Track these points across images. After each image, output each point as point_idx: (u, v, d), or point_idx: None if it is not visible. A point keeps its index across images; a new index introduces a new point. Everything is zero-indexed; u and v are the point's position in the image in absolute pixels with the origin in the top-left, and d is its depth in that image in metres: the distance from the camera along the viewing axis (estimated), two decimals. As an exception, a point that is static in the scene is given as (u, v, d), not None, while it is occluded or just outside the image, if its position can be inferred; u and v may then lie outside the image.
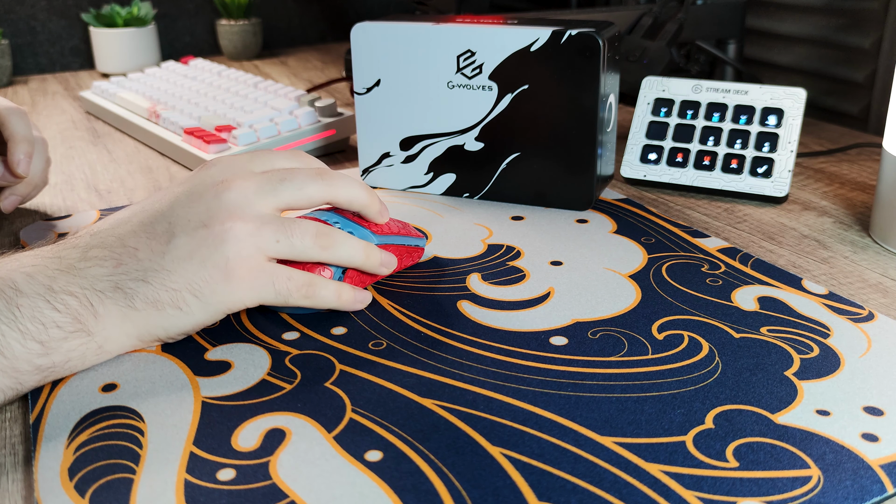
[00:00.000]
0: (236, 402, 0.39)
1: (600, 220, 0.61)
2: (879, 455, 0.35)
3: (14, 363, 0.37)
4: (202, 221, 0.41)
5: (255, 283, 0.42)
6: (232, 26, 1.25)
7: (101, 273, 0.40)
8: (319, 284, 0.44)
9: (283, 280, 0.43)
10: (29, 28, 1.22)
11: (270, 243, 0.43)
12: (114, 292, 0.40)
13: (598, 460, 0.35)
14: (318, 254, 0.44)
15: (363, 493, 0.33)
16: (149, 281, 0.40)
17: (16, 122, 0.58)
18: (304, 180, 0.45)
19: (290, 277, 0.43)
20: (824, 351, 0.43)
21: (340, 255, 0.45)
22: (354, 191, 0.47)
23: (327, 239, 0.45)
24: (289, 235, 0.43)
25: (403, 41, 0.62)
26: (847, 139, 0.81)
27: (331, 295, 0.45)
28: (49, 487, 0.34)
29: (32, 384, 0.39)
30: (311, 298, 0.44)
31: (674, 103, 0.68)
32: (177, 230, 0.41)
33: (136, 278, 0.40)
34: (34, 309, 0.37)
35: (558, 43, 0.58)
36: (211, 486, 0.33)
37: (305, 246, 0.44)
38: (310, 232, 0.44)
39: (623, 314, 0.47)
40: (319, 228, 0.45)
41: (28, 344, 0.37)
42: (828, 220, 0.61)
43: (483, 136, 0.63)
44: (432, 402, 0.39)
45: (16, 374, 0.37)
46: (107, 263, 0.40)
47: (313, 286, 0.44)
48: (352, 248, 0.46)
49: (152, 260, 0.40)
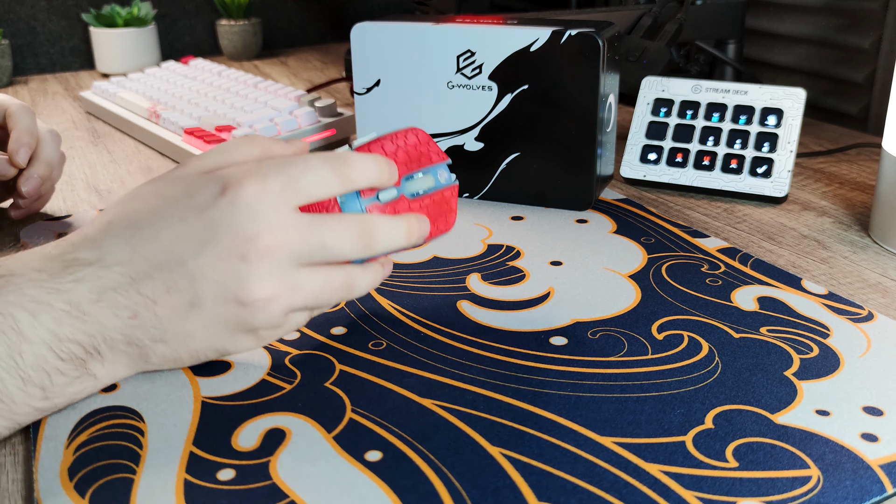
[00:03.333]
0: (236, 402, 0.39)
1: (600, 220, 0.61)
2: (879, 455, 0.35)
3: (13, 407, 0.35)
4: (232, 293, 0.37)
5: (283, 332, 0.41)
6: (232, 26, 1.25)
7: (114, 324, 0.36)
8: (356, 288, 0.41)
9: (308, 317, 0.41)
10: (29, 28, 1.22)
11: (300, 306, 0.39)
12: (127, 346, 0.37)
13: (598, 460, 0.35)
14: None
15: (363, 493, 0.33)
16: (168, 342, 0.38)
17: (21, 116, 0.59)
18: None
19: (320, 308, 0.41)
20: (824, 351, 0.43)
21: (382, 250, 0.41)
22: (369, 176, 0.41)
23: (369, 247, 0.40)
24: (319, 297, 0.40)
25: (403, 41, 0.62)
26: (847, 139, 0.81)
27: (368, 281, 0.42)
28: (49, 487, 0.34)
29: (28, 421, 0.37)
30: (347, 299, 0.42)
31: (673, 103, 0.68)
32: (202, 294, 0.37)
33: (154, 338, 0.37)
34: (37, 357, 0.35)
35: (558, 43, 0.58)
36: (211, 486, 0.33)
37: (333, 299, 0.40)
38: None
39: (623, 314, 0.47)
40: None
41: (29, 390, 0.35)
42: (827, 220, 0.61)
43: (483, 136, 0.63)
44: (432, 402, 0.39)
45: (14, 416, 0.35)
46: (122, 313, 0.36)
47: (349, 292, 0.41)
48: (391, 233, 0.41)
49: (173, 321, 0.37)
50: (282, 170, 0.38)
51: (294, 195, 0.38)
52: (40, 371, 0.35)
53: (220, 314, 0.37)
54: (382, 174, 0.41)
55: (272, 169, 0.38)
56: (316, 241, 0.38)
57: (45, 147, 0.60)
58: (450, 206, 0.45)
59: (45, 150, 0.60)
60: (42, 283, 0.35)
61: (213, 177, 0.38)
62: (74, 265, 0.36)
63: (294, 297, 0.38)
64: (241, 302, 0.37)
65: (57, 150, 0.62)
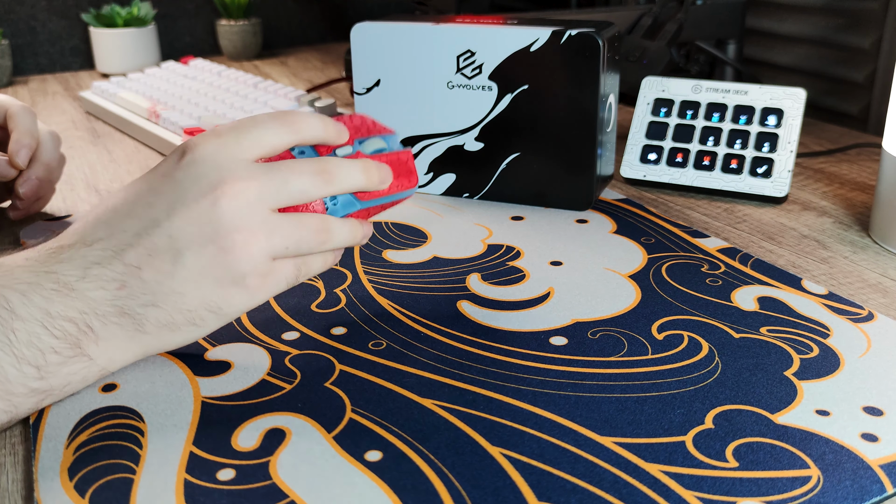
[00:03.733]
0: (236, 402, 0.39)
1: (600, 220, 0.61)
2: (879, 455, 0.35)
3: (8, 386, 0.36)
4: (208, 237, 0.38)
5: (272, 284, 0.41)
6: (232, 26, 1.25)
7: (103, 297, 0.37)
8: (333, 232, 0.42)
9: (295, 269, 0.42)
10: (29, 28, 1.22)
11: (280, 249, 0.41)
12: (119, 317, 0.38)
13: (598, 460, 0.35)
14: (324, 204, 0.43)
15: (363, 493, 0.33)
16: (159, 305, 0.38)
17: (22, 117, 0.59)
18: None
19: (305, 263, 0.42)
20: (824, 351, 0.43)
21: (343, 186, 0.42)
22: (317, 128, 0.43)
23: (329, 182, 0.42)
24: (298, 240, 0.41)
25: (403, 41, 0.62)
26: (847, 139, 0.81)
27: (345, 233, 0.43)
28: (49, 487, 0.34)
29: (28, 407, 0.37)
30: (327, 246, 0.43)
31: (674, 103, 0.68)
32: (181, 246, 0.38)
33: (145, 303, 0.38)
34: (30, 334, 0.36)
35: (558, 43, 0.58)
36: (211, 486, 0.33)
37: (309, 238, 0.41)
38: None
39: (623, 314, 0.47)
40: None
41: (24, 368, 0.36)
42: (828, 220, 0.61)
43: (483, 136, 0.63)
44: (432, 402, 0.39)
45: (10, 396, 0.36)
46: (109, 286, 0.37)
47: (327, 236, 0.42)
48: (349, 171, 0.42)
49: (160, 282, 0.38)
50: (233, 127, 0.41)
51: (249, 147, 0.40)
52: (34, 349, 0.36)
53: (203, 265, 0.38)
54: (329, 129, 0.43)
55: (224, 128, 0.41)
56: (279, 180, 0.40)
57: (45, 149, 0.60)
58: (408, 167, 0.47)
59: (44, 152, 0.60)
60: (30, 267, 0.37)
61: (173, 150, 0.42)
62: (59, 250, 0.38)
63: (271, 240, 0.40)
64: (219, 245, 0.38)
65: (56, 152, 0.62)
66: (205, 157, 0.39)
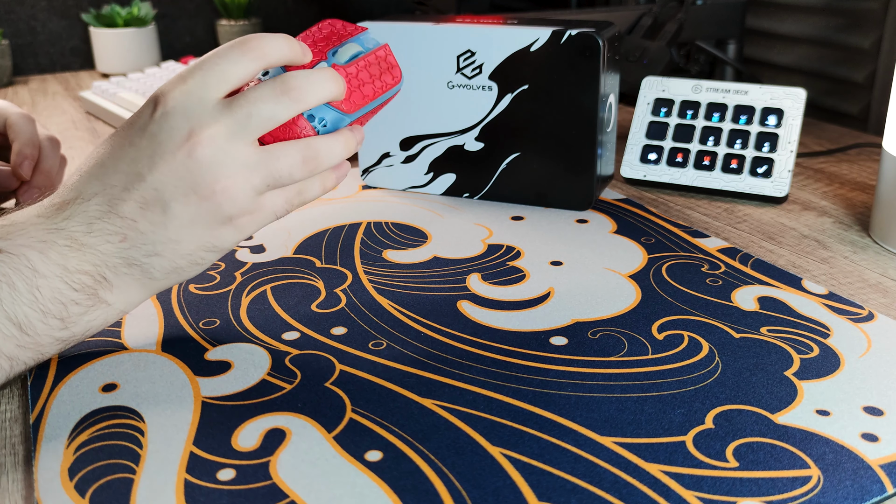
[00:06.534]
0: (236, 402, 0.39)
1: (600, 220, 0.61)
2: (879, 455, 0.35)
3: (37, 339, 0.38)
4: (190, 188, 0.40)
5: (261, 218, 0.42)
6: (232, 26, 1.25)
7: (109, 249, 0.39)
8: (321, 154, 0.42)
9: (285, 202, 0.43)
10: (29, 28, 1.22)
11: (263, 185, 0.41)
12: (128, 268, 0.40)
13: (598, 460, 0.35)
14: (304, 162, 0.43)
15: (363, 493, 0.33)
16: (161, 254, 0.40)
17: (22, 127, 0.60)
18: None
19: (299, 192, 0.43)
20: (824, 351, 0.43)
21: (313, 99, 0.42)
22: (281, 49, 0.42)
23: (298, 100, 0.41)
24: (280, 171, 0.41)
25: (404, 41, 0.62)
26: (847, 139, 0.81)
27: (336, 149, 0.43)
28: (49, 487, 0.34)
29: (53, 352, 0.40)
30: (320, 169, 0.43)
31: (674, 103, 0.68)
32: (167, 198, 0.39)
33: (148, 253, 0.40)
34: (53, 290, 0.38)
35: (558, 43, 0.58)
36: (211, 486, 0.33)
37: (293, 167, 0.42)
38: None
39: (623, 314, 0.47)
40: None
41: (50, 321, 0.38)
42: (828, 220, 0.61)
43: (483, 136, 0.63)
44: (432, 402, 0.39)
45: (38, 347, 0.39)
46: (112, 238, 0.39)
47: (315, 162, 0.42)
48: (309, 80, 0.42)
49: (156, 233, 0.40)
50: (196, 66, 0.41)
51: (215, 85, 0.40)
52: (57, 303, 0.38)
53: (190, 213, 0.40)
54: (294, 47, 0.43)
55: (188, 70, 0.41)
56: (243, 114, 0.40)
57: (46, 158, 0.61)
58: (388, 62, 0.46)
59: (45, 160, 0.61)
60: (41, 225, 0.39)
61: (147, 99, 0.42)
62: (62, 206, 0.40)
63: (251, 176, 0.40)
64: (201, 195, 0.40)
65: (57, 159, 0.62)
66: (175, 106, 0.40)
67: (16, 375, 0.40)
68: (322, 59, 0.44)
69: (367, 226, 0.60)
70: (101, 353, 0.44)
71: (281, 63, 0.42)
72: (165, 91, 0.41)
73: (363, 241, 0.57)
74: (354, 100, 0.44)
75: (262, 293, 0.50)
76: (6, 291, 0.37)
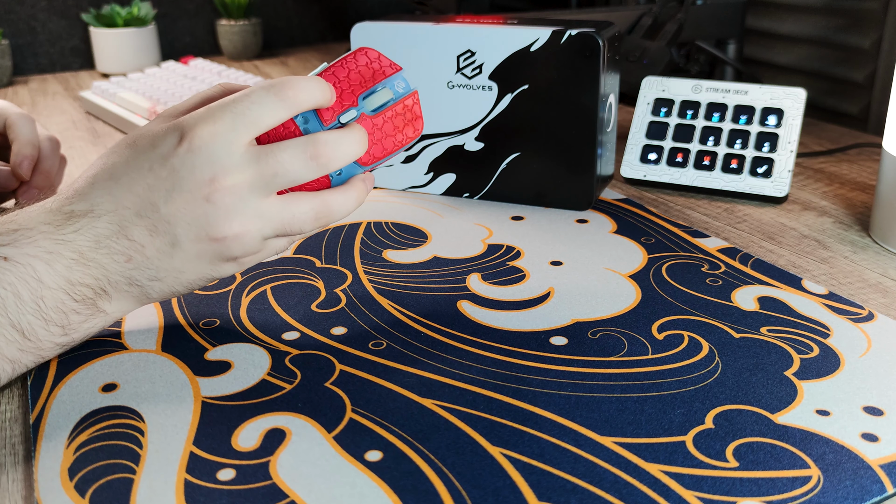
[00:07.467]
0: (236, 402, 0.39)
1: (600, 220, 0.61)
2: (879, 455, 0.35)
3: (39, 344, 0.39)
4: (203, 229, 0.40)
5: (264, 255, 0.44)
6: (232, 26, 1.25)
7: (114, 267, 0.40)
8: (332, 210, 0.43)
9: (288, 242, 0.44)
10: (29, 28, 1.22)
11: (272, 233, 0.42)
12: (129, 286, 0.41)
13: (598, 460, 0.35)
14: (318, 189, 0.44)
15: (363, 493, 0.33)
16: (162, 280, 0.41)
17: (22, 127, 0.60)
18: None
19: (301, 229, 0.43)
20: (824, 351, 0.43)
21: (336, 163, 0.43)
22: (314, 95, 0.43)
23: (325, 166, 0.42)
24: (292, 223, 0.42)
25: (404, 41, 0.62)
26: (847, 139, 0.81)
27: (348, 204, 0.44)
28: (49, 487, 0.34)
29: (53, 355, 0.41)
30: (328, 223, 0.44)
31: (674, 103, 0.68)
32: (179, 233, 0.40)
33: (151, 277, 0.41)
34: (56, 300, 0.39)
35: (558, 43, 0.58)
36: (211, 486, 0.33)
37: (306, 222, 0.43)
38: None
39: (623, 314, 0.47)
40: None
41: (51, 328, 0.39)
42: (828, 220, 0.61)
43: (483, 136, 0.63)
44: (432, 402, 0.39)
45: (39, 352, 0.40)
46: (118, 258, 0.40)
47: (326, 218, 0.43)
48: (339, 144, 0.42)
49: (161, 260, 0.41)
50: (228, 107, 0.41)
51: (245, 129, 0.40)
52: (59, 312, 0.39)
53: (199, 250, 0.41)
54: (326, 93, 0.43)
55: (219, 109, 0.41)
56: (270, 172, 0.41)
57: (46, 158, 0.61)
58: (414, 112, 0.46)
59: (45, 160, 0.61)
60: (50, 234, 0.39)
61: (173, 126, 0.41)
62: (72, 217, 0.40)
63: (264, 227, 0.42)
64: (213, 239, 0.41)
65: (56, 159, 0.62)
66: (200, 146, 0.40)
67: (17, 376, 0.41)
68: (353, 104, 0.44)
69: (367, 226, 0.60)
70: (101, 353, 0.44)
71: (314, 107, 0.43)
72: (192, 125, 0.40)
73: (363, 241, 0.57)
74: (374, 153, 0.45)
75: (262, 293, 0.50)
76: (11, 300, 0.38)
